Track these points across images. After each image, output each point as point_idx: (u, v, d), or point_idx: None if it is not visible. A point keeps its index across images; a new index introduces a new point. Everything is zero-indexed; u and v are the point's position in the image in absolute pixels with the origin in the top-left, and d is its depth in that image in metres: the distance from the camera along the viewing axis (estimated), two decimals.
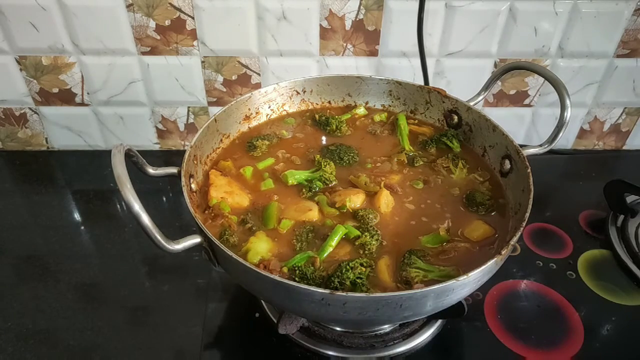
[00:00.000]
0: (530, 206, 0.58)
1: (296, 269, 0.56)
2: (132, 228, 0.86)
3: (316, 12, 0.88)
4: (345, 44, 0.92)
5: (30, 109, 0.99)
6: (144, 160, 0.61)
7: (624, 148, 1.11)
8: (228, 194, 0.66)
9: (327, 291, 0.48)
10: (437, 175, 0.72)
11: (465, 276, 0.50)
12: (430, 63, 0.94)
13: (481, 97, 0.79)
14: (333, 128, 0.79)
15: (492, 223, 0.64)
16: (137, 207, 0.48)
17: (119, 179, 0.49)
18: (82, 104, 0.98)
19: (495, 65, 0.94)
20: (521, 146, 0.67)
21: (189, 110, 1.00)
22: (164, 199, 0.94)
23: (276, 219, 0.64)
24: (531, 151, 0.68)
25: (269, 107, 0.81)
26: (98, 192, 0.95)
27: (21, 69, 0.93)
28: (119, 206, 0.92)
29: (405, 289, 0.54)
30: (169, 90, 0.97)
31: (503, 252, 0.53)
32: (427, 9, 0.87)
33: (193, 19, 0.87)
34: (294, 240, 0.61)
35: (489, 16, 0.89)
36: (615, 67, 0.97)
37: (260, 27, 0.89)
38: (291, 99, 0.83)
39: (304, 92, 0.83)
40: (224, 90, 0.97)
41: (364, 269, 0.56)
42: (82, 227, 0.88)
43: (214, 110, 0.98)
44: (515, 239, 0.54)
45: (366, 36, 0.91)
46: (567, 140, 1.09)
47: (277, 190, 0.69)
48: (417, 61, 0.92)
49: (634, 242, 0.82)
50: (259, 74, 0.95)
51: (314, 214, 0.64)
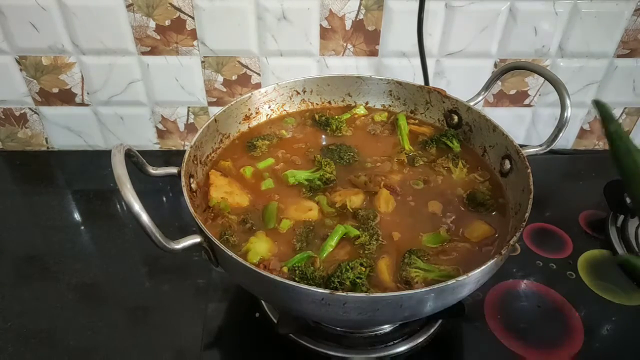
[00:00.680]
0: (530, 206, 0.58)
1: (296, 269, 0.56)
2: (132, 228, 0.86)
3: (316, 12, 0.88)
4: (345, 44, 0.92)
5: (30, 109, 0.99)
6: (144, 160, 0.61)
7: None
8: (228, 194, 0.66)
9: (327, 291, 0.48)
10: (437, 175, 0.72)
11: (465, 276, 0.50)
12: (430, 63, 0.94)
13: (481, 97, 0.79)
14: (333, 128, 0.79)
15: (492, 223, 0.64)
16: (137, 207, 0.48)
17: (119, 179, 0.49)
18: (82, 104, 0.98)
19: (495, 66, 0.94)
20: (521, 146, 0.67)
21: (189, 110, 1.00)
22: (164, 199, 0.94)
23: (276, 218, 0.64)
24: (531, 151, 0.68)
25: (269, 107, 0.81)
26: (98, 192, 0.95)
27: (21, 69, 0.93)
28: (119, 206, 0.92)
29: (405, 289, 0.54)
30: (169, 90, 0.97)
31: (503, 252, 0.53)
32: (427, 9, 0.87)
33: (193, 19, 0.88)
34: (294, 240, 0.61)
35: (489, 16, 0.89)
36: (615, 67, 0.97)
37: (260, 27, 0.89)
38: (291, 99, 0.83)
39: (304, 92, 0.83)
40: (224, 90, 0.97)
41: (363, 269, 0.56)
42: (82, 227, 0.88)
43: (214, 110, 0.98)
44: (516, 239, 0.54)
45: (366, 36, 0.91)
46: (567, 140, 1.09)
47: (277, 190, 0.69)
48: (417, 61, 0.92)
49: (634, 242, 0.82)
50: (259, 74, 0.95)
51: (314, 214, 0.64)
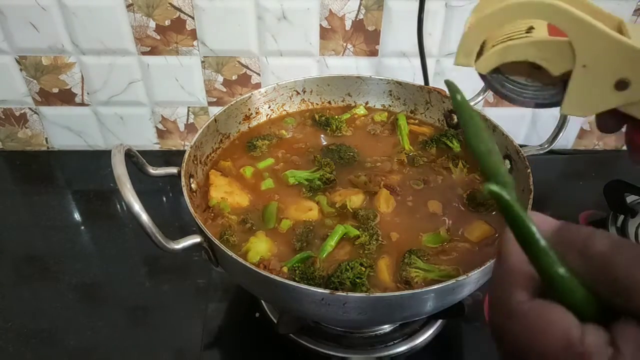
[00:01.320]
0: (530, 206, 0.58)
1: (296, 269, 0.56)
2: (132, 228, 0.86)
3: (316, 12, 0.88)
4: (345, 44, 0.92)
5: (30, 109, 0.99)
6: (144, 160, 0.61)
7: (624, 148, 1.10)
8: (228, 194, 0.66)
9: (327, 291, 0.48)
10: (437, 175, 0.72)
11: (465, 276, 0.50)
12: (430, 63, 0.94)
13: (481, 97, 0.78)
14: (333, 128, 0.79)
15: (493, 223, 0.64)
16: (137, 207, 0.48)
17: (119, 179, 0.49)
18: (82, 104, 0.98)
19: None
20: (521, 146, 0.67)
21: (189, 110, 1.00)
22: (164, 199, 0.94)
23: (276, 218, 0.64)
24: (531, 151, 0.68)
25: (269, 107, 0.81)
26: (98, 192, 0.95)
27: (21, 69, 0.93)
28: (119, 206, 0.92)
29: (405, 289, 0.54)
30: (169, 90, 0.97)
31: None
32: (427, 9, 0.87)
33: (193, 19, 0.88)
34: (294, 240, 0.61)
35: None
36: None
37: (260, 27, 0.89)
38: (291, 99, 0.83)
39: (304, 92, 0.83)
40: (224, 90, 0.97)
41: (363, 269, 0.56)
42: (82, 227, 0.88)
43: (214, 110, 0.98)
44: None
45: (366, 36, 0.91)
46: (567, 140, 1.09)
47: (277, 190, 0.69)
48: (417, 61, 0.92)
49: (634, 242, 0.82)
50: (259, 74, 0.95)
51: (314, 214, 0.64)
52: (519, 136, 1.07)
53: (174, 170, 0.63)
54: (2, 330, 0.71)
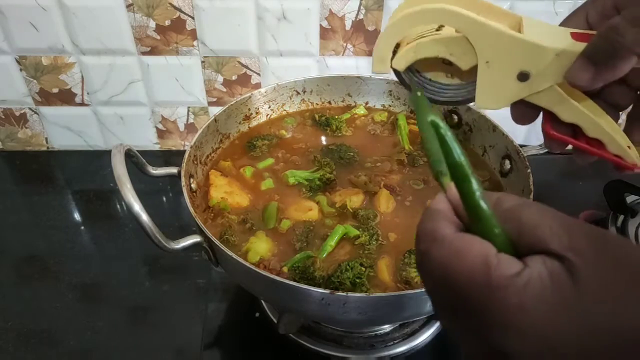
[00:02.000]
0: None
1: (296, 269, 0.56)
2: (132, 228, 0.86)
3: (316, 12, 0.88)
4: (345, 44, 0.92)
5: (30, 109, 0.99)
6: (144, 160, 0.61)
7: None
8: (228, 194, 0.66)
9: (327, 291, 0.48)
10: None
11: None
12: None
13: None
14: (333, 128, 0.79)
15: None
16: (137, 207, 0.48)
17: (119, 179, 0.49)
18: (82, 104, 0.98)
19: None
20: (521, 146, 0.67)
21: (189, 110, 1.00)
22: (164, 199, 0.94)
23: (276, 218, 0.64)
24: (531, 151, 0.68)
25: (269, 107, 0.81)
26: (98, 192, 0.95)
27: (21, 69, 0.93)
28: (119, 206, 0.92)
29: (405, 289, 0.54)
30: (169, 90, 0.96)
31: None
32: None
33: (193, 19, 0.87)
34: (294, 240, 0.61)
35: None
36: None
37: (260, 27, 0.89)
38: (291, 99, 0.83)
39: (304, 92, 0.83)
40: (224, 90, 0.97)
41: (363, 269, 0.56)
42: (82, 227, 0.88)
43: (214, 110, 0.98)
44: None
45: (366, 36, 0.91)
46: None
47: (277, 190, 0.69)
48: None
49: (634, 242, 0.82)
50: (259, 74, 0.95)
51: (314, 214, 0.64)
52: (519, 136, 1.07)
53: (174, 170, 0.64)
54: (2, 330, 0.71)
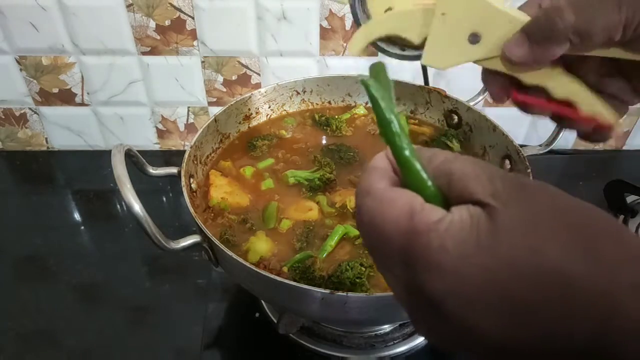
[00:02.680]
0: None
1: (296, 269, 0.56)
2: (132, 228, 0.86)
3: (316, 12, 0.88)
4: (345, 44, 0.92)
5: (30, 109, 0.99)
6: (144, 160, 0.61)
7: (624, 148, 1.11)
8: (228, 194, 0.66)
9: (327, 291, 0.48)
10: None
11: None
12: None
13: (481, 97, 0.78)
14: (333, 128, 0.79)
15: None
16: (137, 207, 0.48)
17: (119, 179, 0.49)
18: (82, 104, 0.98)
19: None
20: (521, 146, 0.67)
21: (189, 110, 1.00)
22: (164, 199, 0.94)
23: (276, 218, 0.64)
24: (531, 151, 0.68)
25: (269, 107, 0.81)
26: (98, 192, 0.95)
27: (21, 69, 0.93)
28: (119, 206, 0.92)
29: None
30: (169, 90, 0.96)
31: None
32: None
33: (193, 19, 0.87)
34: (294, 240, 0.61)
35: None
36: None
37: (260, 27, 0.89)
38: (291, 99, 0.83)
39: (304, 92, 0.83)
40: (224, 90, 0.97)
41: (363, 269, 0.55)
42: (82, 227, 0.88)
43: (214, 110, 0.98)
44: None
45: None
46: (567, 140, 1.09)
47: (277, 190, 0.69)
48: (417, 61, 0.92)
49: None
50: (259, 74, 0.95)
51: (314, 214, 0.64)
52: (519, 136, 1.07)
53: (174, 170, 0.63)
54: (2, 330, 0.71)
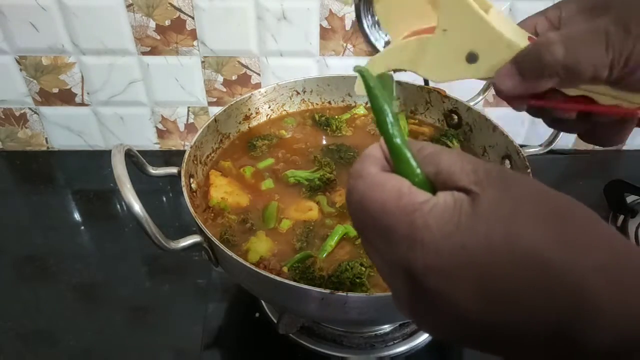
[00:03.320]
0: None
1: (296, 268, 0.56)
2: (132, 228, 0.86)
3: (316, 12, 0.88)
4: (345, 44, 0.92)
5: (30, 109, 0.99)
6: (144, 160, 0.61)
7: (624, 148, 1.11)
8: (228, 194, 0.66)
9: (327, 291, 0.48)
10: None
11: None
12: None
13: (481, 97, 0.79)
14: (333, 128, 0.79)
15: None
16: (137, 207, 0.48)
17: (119, 179, 0.49)
18: (82, 104, 0.98)
19: None
20: (521, 146, 0.67)
21: (189, 110, 1.00)
22: (164, 199, 0.94)
23: (276, 218, 0.64)
24: (531, 151, 0.68)
25: (269, 107, 0.81)
26: (98, 192, 0.95)
27: (21, 69, 0.93)
28: (119, 206, 0.92)
29: None
30: (169, 90, 0.97)
31: None
32: None
33: (193, 19, 0.87)
34: (294, 240, 0.61)
35: None
36: None
37: (260, 27, 0.89)
38: (291, 99, 0.83)
39: (304, 92, 0.83)
40: (224, 90, 0.97)
41: (363, 269, 0.55)
42: (82, 227, 0.88)
43: (214, 110, 0.98)
44: None
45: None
46: (567, 140, 1.09)
47: (277, 190, 0.69)
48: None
49: (634, 242, 0.82)
50: (259, 74, 0.95)
51: (314, 214, 0.64)
52: (519, 136, 1.07)
53: (174, 170, 0.63)
54: (2, 330, 0.71)
